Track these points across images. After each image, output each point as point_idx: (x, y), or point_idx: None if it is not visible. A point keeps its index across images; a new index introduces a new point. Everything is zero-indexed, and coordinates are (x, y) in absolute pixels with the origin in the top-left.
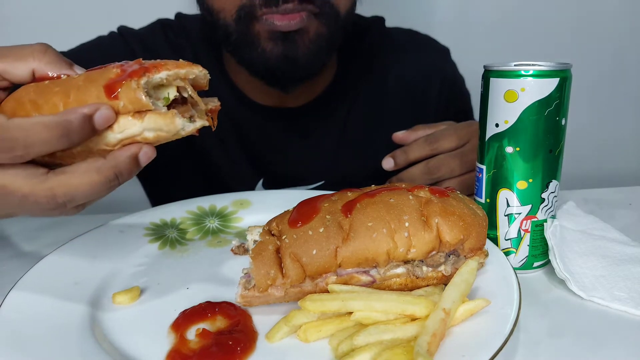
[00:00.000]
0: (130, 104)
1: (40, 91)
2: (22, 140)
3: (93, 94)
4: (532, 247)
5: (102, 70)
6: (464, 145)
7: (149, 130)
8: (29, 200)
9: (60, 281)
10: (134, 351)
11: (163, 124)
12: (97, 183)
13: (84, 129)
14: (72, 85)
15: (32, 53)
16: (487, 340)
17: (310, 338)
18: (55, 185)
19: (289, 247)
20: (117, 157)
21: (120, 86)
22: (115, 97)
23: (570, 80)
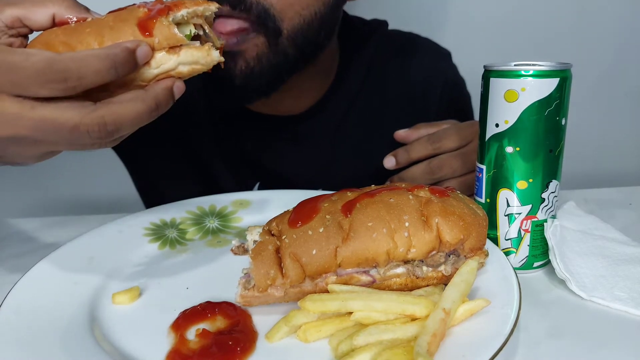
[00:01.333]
0: (164, 40)
1: (70, 33)
2: (76, 71)
3: (127, 32)
4: (532, 247)
5: (129, 10)
6: (466, 145)
7: (184, 65)
8: (80, 131)
9: (60, 281)
10: (133, 351)
11: (200, 56)
12: (142, 112)
13: (129, 62)
14: (103, 25)
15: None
16: (487, 340)
17: (310, 338)
18: (105, 113)
19: (288, 247)
20: (156, 89)
21: (153, 24)
22: (150, 34)
23: (571, 80)
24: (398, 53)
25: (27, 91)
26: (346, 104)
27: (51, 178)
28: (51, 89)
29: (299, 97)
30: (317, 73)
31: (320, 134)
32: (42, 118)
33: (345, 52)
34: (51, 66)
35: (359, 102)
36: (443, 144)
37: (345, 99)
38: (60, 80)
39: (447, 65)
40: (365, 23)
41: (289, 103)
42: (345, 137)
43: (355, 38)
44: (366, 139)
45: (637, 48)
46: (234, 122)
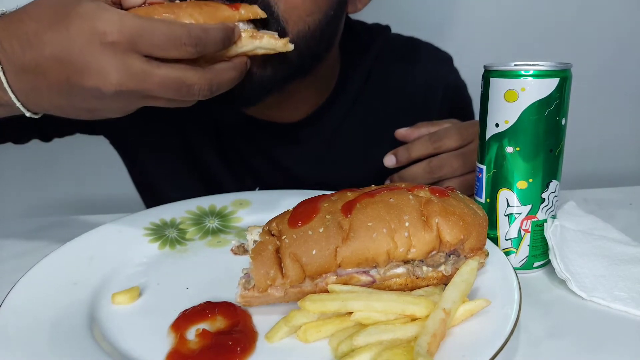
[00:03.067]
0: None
1: (169, 8)
2: (205, 38)
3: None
4: (533, 247)
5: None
6: (467, 145)
7: (261, 48)
8: (194, 89)
9: (59, 281)
10: (133, 351)
11: (278, 45)
12: (235, 78)
13: (231, 38)
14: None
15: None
16: (487, 340)
17: (310, 338)
18: (213, 77)
19: (288, 247)
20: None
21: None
22: (236, 9)
23: (571, 80)
24: (399, 59)
25: (161, 52)
26: (347, 109)
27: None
28: (184, 51)
29: (298, 105)
30: (317, 82)
31: (320, 141)
32: (168, 76)
33: (346, 60)
34: (189, 32)
35: (359, 108)
36: (443, 143)
37: (345, 105)
38: (193, 44)
39: (448, 70)
40: (366, 28)
41: (288, 111)
42: (345, 143)
43: (357, 45)
44: (366, 145)
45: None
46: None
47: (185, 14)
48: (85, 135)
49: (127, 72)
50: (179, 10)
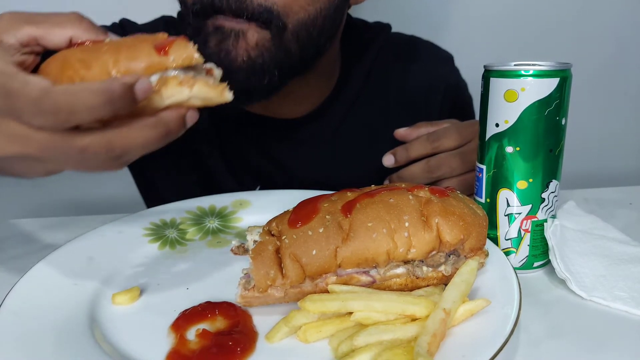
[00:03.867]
0: (180, 59)
1: (88, 51)
2: (67, 105)
3: (144, 50)
4: (533, 247)
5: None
6: (465, 144)
7: (196, 98)
8: (87, 153)
9: (59, 282)
10: (133, 352)
11: (213, 95)
12: (150, 138)
13: (126, 97)
14: (121, 44)
15: (70, 20)
16: (487, 340)
17: (310, 338)
18: (113, 137)
19: (288, 247)
20: (168, 116)
21: (171, 43)
22: (165, 54)
23: (571, 80)
24: (399, 58)
25: (23, 118)
26: (347, 108)
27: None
28: (44, 120)
29: (299, 101)
30: (318, 78)
31: (321, 138)
32: (49, 139)
33: (347, 57)
34: (43, 98)
35: (360, 106)
36: (442, 142)
37: (346, 103)
38: (52, 112)
39: (449, 69)
40: (367, 27)
41: (290, 107)
42: (346, 141)
43: (357, 43)
44: (367, 143)
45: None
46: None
47: (102, 61)
48: None
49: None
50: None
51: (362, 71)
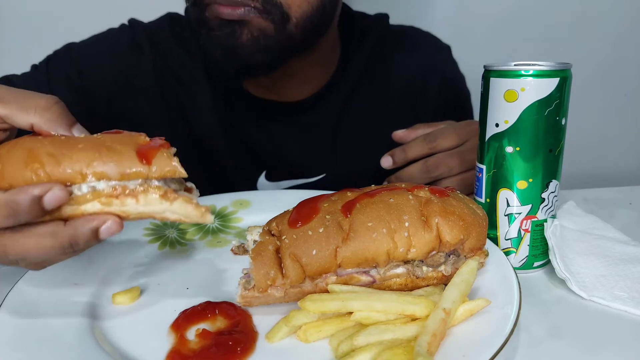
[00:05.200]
0: (161, 171)
1: (59, 145)
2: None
3: (126, 154)
4: (532, 246)
5: (129, 135)
6: (463, 144)
7: (172, 213)
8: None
9: (59, 282)
10: (134, 351)
11: (194, 215)
12: (50, 248)
13: (32, 209)
14: (99, 144)
15: (35, 107)
16: (488, 340)
17: (310, 338)
18: (8, 243)
19: (288, 247)
20: (77, 227)
21: (154, 152)
22: (148, 163)
23: (571, 80)
24: (397, 46)
25: None
26: (347, 93)
27: None
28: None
29: (301, 84)
30: (319, 60)
31: (323, 122)
32: None
33: (346, 44)
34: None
35: (359, 92)
36: (439, 143)
37: (346, 88)
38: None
39: (446, 58)
40: (366, 17)
41: (292, 90)
42: (347, 126)
43: (356, 30)
44: (367, 129)
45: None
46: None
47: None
48: None
49: None
50: (69, 152)
51: (361, 57)
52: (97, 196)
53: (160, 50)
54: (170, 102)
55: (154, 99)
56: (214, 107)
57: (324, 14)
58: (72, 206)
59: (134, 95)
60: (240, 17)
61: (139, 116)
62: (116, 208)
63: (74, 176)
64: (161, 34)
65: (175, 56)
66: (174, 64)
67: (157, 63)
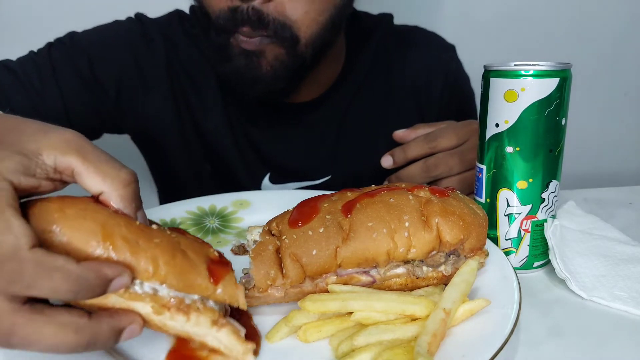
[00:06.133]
0: (226, 296)
1: (136, 232)
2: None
3: (198, 270)
4: (533, 246)
5: (200, 243)
6: (463, 144)
7: (214, 339)
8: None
9: None
10: (134, 351)
11: (237, 349)
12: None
13: (97, 289)
14: (175, 246)
15: (114, 178)
16: (488, 340)
17: (310, 338)
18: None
19: (288, 247)
20: (101, 323)
21: (224, 274)
22: (216, 283)
23: (571, 80)
24: (402, 44)
25: None
26: (352, 93)
27: None
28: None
29: (309, 85)
30: (326, 63)
31: (328, 122)
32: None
33: (351, 43)
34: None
35: (364, 91)
36: (439, 142)
37: (351, 88)
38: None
39: (451, 57)
40: (370, 16)
41: (300, 91)
42: (352, 126)
43: (361, 29)
44: (371, 129)
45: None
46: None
47: (151, 255)
48: None
49: None
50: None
51: (366, 57)
52: (154, 301)
53: (172, 44)
54: (180, 97)
55: (165, 91)
56: (222, 106)
57: (332, 29)
58: (121, 299)
59: (144, 87)
60: (256, 47)
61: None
62: (164, 319)
63: (141, 272)
64: (172, 29)
65: (186, 53)
66: (185, 60)
67: (170, 57)
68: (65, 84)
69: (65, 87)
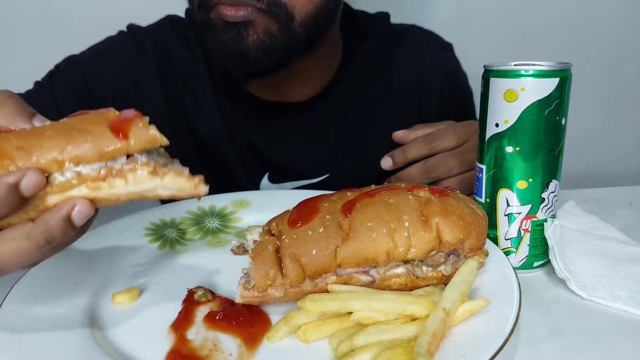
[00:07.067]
0: (140, 143)
1: (26, 137)
2: None
3: (100, 133)
4: (532, 246)
5: (97, 113)
6: (462, 145)
7: (165, 189)
8: None
9: (59, 281)
10: (134, 351)
11: (187, 187)
12: (26, 250)
13: (12, 199)
14: (69, 128)
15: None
16: (487, 340)
17: (310, 338)
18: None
19: (288, 247)
20: (46, 220)
21: (129, 125)
22: (125, 137)
23: (570, 79)
24: (400, 43)
25: None
26: (350, 92)
27: None
28: None
29: (305, 83)
30: (322, 59)
31: (326, 122)
32: None
33: (348, 41)
34: None
35: (362, 90)
36: (439, 143)
37: (349, 87)
38: None
39: (449, 55)
40: (367, 15)
41: (297, 89)
42: (351, 124)
43: (358, 27)
44: (370, 126)
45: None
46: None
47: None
48: None
49: None
50: (39, 142)
51: (364, 55)
52: (83, 181)
53: (164, 50)
54: (175, 102)
55: (159, 101)
56: (217, 108)
57: (327, 12)
58: (58, 194)
59: (139, 97)
60: (243, 18)
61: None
62: (105, 192)
63: (50, 165)
64: (164, 35)
65: (179, 57)
66: (178, 64)
67: (161, 64)
68: (64, 107)
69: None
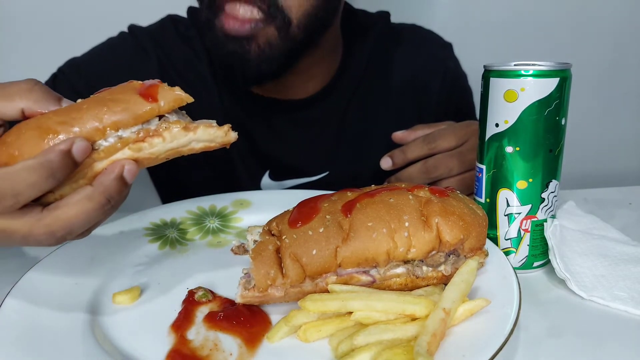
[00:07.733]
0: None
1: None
2: (10, 189)
3: (131, 100)
4: (532, 246)
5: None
6: (462, 145)
7: (198, 142)
8: (30, 239)
9: (60, 281)
10: (134, 351)
11: (218, 135)
12: (91, 211)
13: (66, 164)
14: (101, 99)
15: (19, 92)
16: (487, 340)
17: (310, 338)
18: (51, 222)
19: (288, 247)
20: (103, 182)
21: (156, 89)
22: (154, 100)
23: (570, 80)
24: (399, 42)
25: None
26: (351, 90)
27: None
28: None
29: (306, 81)
30: (323, 57)
31: (326, 119)
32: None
33: (349, 39)
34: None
35: (362, 88)
36: (438, 144)
37: (349, 85)
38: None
39: (448, 55)
40: (367, 13)
41: (298, 87)
42: (350, 123)
43: (358, 26)
44: (370, 125)
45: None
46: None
47: (89, 117)
48: None
49: None
50: (79, 115)
51: (364, 53)
52: (125, 143)
53: (165, 50)
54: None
55: None
56: (219, 105)
57: (326, 8)
58: (104, 160)
59: None
60: (248, 33)
61: None
62: (146, 152)
63: (93, 133)
64: (165, 35)
65: (181, 55)
66: (179, 63)
67: (162, 64)
68: None
69: None
